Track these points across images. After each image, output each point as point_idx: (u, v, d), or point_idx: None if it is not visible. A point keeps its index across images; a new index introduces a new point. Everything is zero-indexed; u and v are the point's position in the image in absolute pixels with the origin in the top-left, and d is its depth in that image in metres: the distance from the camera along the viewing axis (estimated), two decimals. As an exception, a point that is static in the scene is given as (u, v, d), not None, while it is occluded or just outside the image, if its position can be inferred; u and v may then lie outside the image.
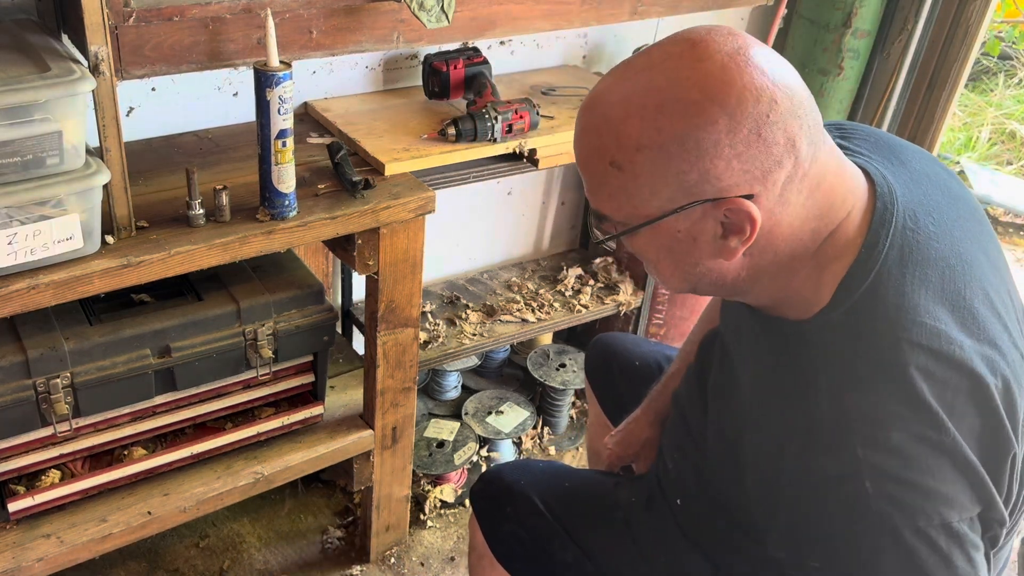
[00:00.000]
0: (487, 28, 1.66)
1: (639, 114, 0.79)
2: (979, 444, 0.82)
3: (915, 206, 0.88)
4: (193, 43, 1.36)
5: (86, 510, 1.42)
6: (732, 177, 0.79)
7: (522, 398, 2.22)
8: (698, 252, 0.85)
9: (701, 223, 0.82)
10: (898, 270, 0.83)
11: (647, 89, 0.79)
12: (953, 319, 0.83)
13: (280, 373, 1.54)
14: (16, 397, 1.27)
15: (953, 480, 0.80)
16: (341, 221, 1.38)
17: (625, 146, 0.80)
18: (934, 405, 0.80)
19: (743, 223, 0.81)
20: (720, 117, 0.77)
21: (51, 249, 1.15)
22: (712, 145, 0.77)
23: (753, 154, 0.78)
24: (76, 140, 1.12)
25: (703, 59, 0.78)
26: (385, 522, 1.84)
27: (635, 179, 0.81)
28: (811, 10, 2.31)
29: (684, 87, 0.77)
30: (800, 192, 0.82)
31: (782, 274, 0.86)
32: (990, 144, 4.16)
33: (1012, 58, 4.60)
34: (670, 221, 0.83)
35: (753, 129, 0.77)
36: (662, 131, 0.78)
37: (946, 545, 0.80)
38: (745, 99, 0.77)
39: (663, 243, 0.86)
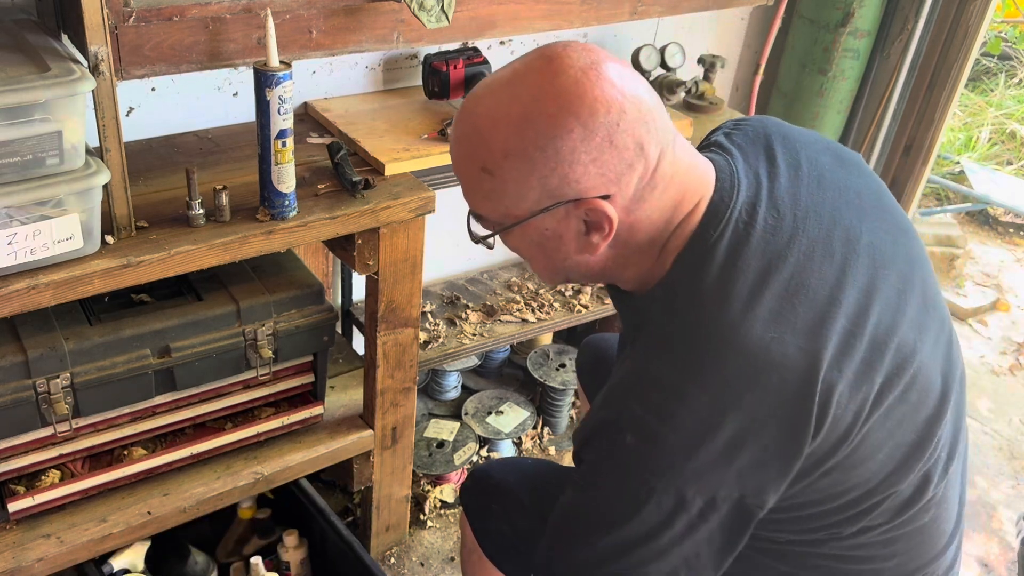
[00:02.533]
0: (487, 28, 1.66)
1: (505, 124, 0.87)
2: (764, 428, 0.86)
3: (757, 200, 0.94)
4: (193, 43, 1.36)
5: (86, 510, 1.42)
6: (589, 180, 0.87)
7: (522, 398, 2.22)
8: (565, 248, 0.94)
9: (565, 222, 0.91)
10: (722, 259, 0.90)
11: (511, 101, 0.87)
12: (770, 309, 0.87)
13: (280, 373, 1.54)
14: (16, 397, 1.27)
15: (706, 459, 0.86)
16: (341, 221, 1.38)
17: (494, 153, 0.88)
18: (718, 387, 0.86)
19: (601, 221, 0.89)
20: (575, 127, 0.85)
21: (51, 249, 1.15)
22: (569, 152, 0.85)
23: (606, 159, 0.86)
24: (76, 140, 1.12)
25: (559, 74, 0.86)
26: (385, 522, 1.84)
27: (504, 183, 0.90)
28: (811, 10, 2.31)
29: (543, 100, 0.85)
30: (653, 189, 0.90)
31: (639, 262, 0.95)
32: (990, 144, 4.16)
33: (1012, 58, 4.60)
34: (537, 221, 0.91)
35: (605, 137, 0.85)
36: (525, 139, 0.86)
37: (671, 508, 0.88)
38: (597, 110, 0.85)
39: (534, 240, 0.94)
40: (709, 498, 0.87)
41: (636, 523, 0.89)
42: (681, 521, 0.88)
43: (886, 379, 0.91)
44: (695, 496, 0.87)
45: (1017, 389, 2.81)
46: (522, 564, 1.25)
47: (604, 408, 0.92)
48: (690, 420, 0.86)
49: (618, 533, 0.90)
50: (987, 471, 2.44)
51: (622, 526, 0.90)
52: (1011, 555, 2.14)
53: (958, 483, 1.09)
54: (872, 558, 1.02)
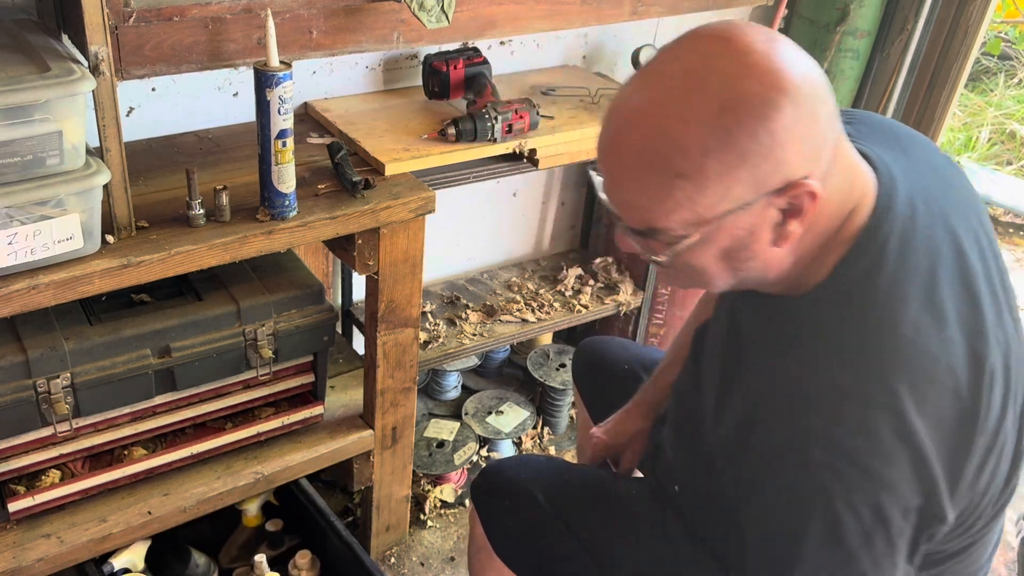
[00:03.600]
0: (487, 28, 1.66)
1: (698, 119, 0.78)
2: (942, 434, 0.83)
3: (913, 194, 0.89)
4: (193, 43, 1.36)
5: (86, 510, 1.42)
6: (797, 160, 0.79)
7: (522, 398, 2.22)
8: (756, 245, 0.85)
9: (763, 214, 0.82)
10: (894, 258, 0.85)
11: (697, 92, 0.78)
12: (940, 309, 0.85)
13: (280, 373, 1.54)
14: (16, 397, 1.27)
15: (900, 468, 0.82)
16: (341, 221, 1.38)
17: (690, 154, 0.78)
18: (903, 393, 0.81)
19: (803, 203, 0.81)
20: (786, 104, 0.77)
21: (51, 249, 1.15)
22: (783, 131, 0.77)
23: (811, 134, 0.79)
24: (76, 140, 1.12)
25: (747, 52, 0.78)
26: (385, 522, 1.84)
27: (704, 186, 0.80)
28: (811, 10, 2.31)
29: (741, 81, 0.77)
30: (835, 171, 0.83)
31: (811, 257, 0.87)
32: (990, 144, 4.16)
33: (1012, 58, 4.60)
34: (732, 218, 0.82)
35: (810, 110, 0.78)
36: (730, 129, 0.77)
37: (871, 524, 0.83)
38: (799, 82, 0.78)
39: (720, 244, 0.85)
40: (903, 509, 0.83)
41: (836, 543, 0.84)
42: (881, 538, 0.84)
43: (1018, 386, 0.91)
44: (891, 508, 0.83)
45: (1017, 389, 2.80)
46: (533, 560, 1.25)
47: (776, 426, 0.87)
48: (884, 429, 0.81)
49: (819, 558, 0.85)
50: (987, 471, 2.44)
51: (823, 550, 0.85)
52: (1011, 555, 2.14)
53: None
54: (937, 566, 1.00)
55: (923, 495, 0.84)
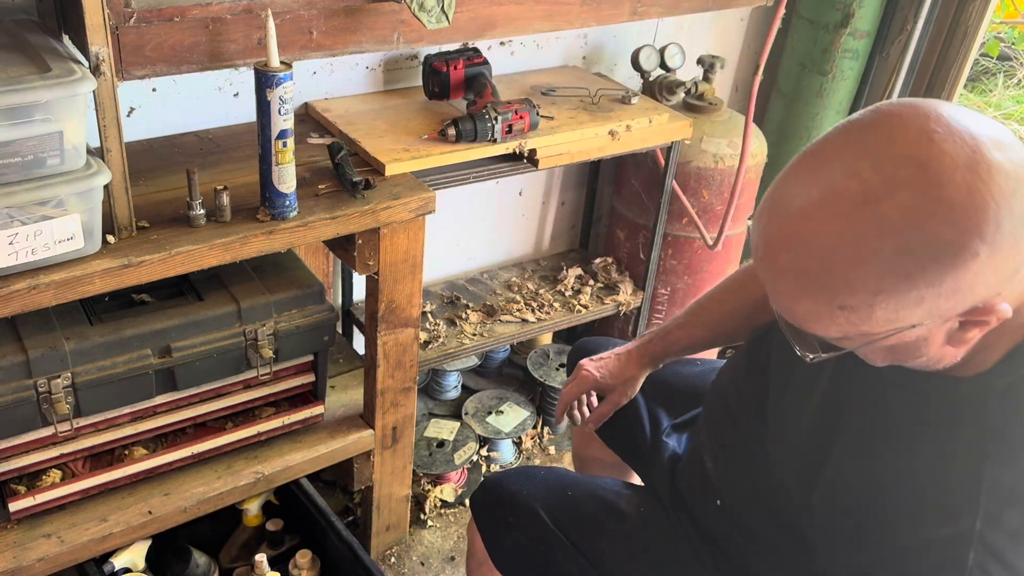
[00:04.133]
0: (487, 29, 1.66)
1: (874, 259, 0.70)
2: None
3: None
4: (194, 43, 1.36)
5: (87, 510, 1.42)
6: (987, 291, 0.72)
7: (522, 398, 2.22)
8: (928, 347, 0.78)
9: (939, 329, 0.75)
10: None
11: (880, 232, 0.69)
12: None
13: (280, 373, 1.54)
14: (17, 397, 1.27)
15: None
16: (341, 221, 1.38)
17: (859, 293, 0.72)
18: None
19: (989, 320, 0.74)
20: (980, 249, 0.68)
21: (52, 249, 1.15)
22: (972, 277, 0.69)
23: (1007, 265, 0.71)
24: (77, 140, 1.12)
25: (943, 185, 0.67)
26: (385, 522, 1.85)
27: (870, 317, 0.73)
28: (811, 11, 2.31)
29: (931, 226, 0.68)
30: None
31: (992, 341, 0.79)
32: (989, 144, 4.16)
33: (1011, 59, 4.61)
34: (901, 335, 0.75)
35: (1012, 242, 0.69)
36: (910, 276, 0.70)
37: None
38: (1001, 218, 0.67)
39: (889, 346, 0.78)
40: None
41: None
42: None
43: None
44: None
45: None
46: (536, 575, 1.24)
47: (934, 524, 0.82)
48: None
49: None
50: (986, 471, 2.44)
51: None
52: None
53: None
54: None
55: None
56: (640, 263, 2.18)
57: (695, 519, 1.20)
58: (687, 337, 1.31)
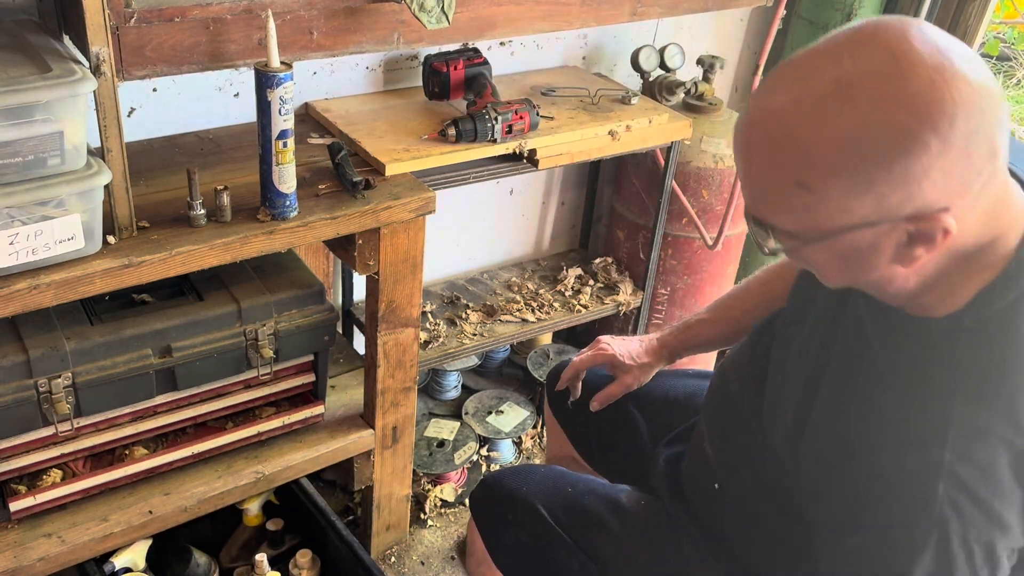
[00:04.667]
0: (487, 29, 1.66)
1: (836, 136, 0.74)
2: None
3: None
4: (194, 44, 1.36)
5: (87, 509, 1.43)
6: (934, 194, 0.74)
7: (522, 398, 2.23)
8: (877, 260, 0.81)
9: (888, 236, 0.78)
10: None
11: (841, 108, 0.73)
12: None
13: (281, 373, 1.54)
14: (17, 397, 1.27)
15: (1015, 510, 0.81)
16: (342, 221, 1.38)
17: (817, 167, 0.75)
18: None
19: (935, 235, 0.76)
20: (932, 141, 0.71)
21: (52, 249, 1.15)
22: (922, 169, 0.72)
23: (959, 170, 0.73)
24: (77, 140, 1.12)
25: (908, 76, 0.71)
26: (385, 521, 1.85)
27: (824, 200, 0.77)
28: (810, 11, 2.31)
29: (890, 109, 0.72)
30: (985, 199, 0.78)
31: (943, 277, 0.82)
32: (989, 144, 4.16)
33: (1011, 59, 4.61)
34: (854, 235, 0.78)
35: (963, 147, 0.72)
36: (867, 158, 0.73)
37: (981, 564, 0.82)
38: (957, 117, 0.71)
39: (840, 253, 0.81)
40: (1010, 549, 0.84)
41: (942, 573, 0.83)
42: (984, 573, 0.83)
43: None
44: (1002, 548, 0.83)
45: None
46: (537, 573, 1.23)
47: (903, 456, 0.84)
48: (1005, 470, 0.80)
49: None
50: (986, 471, 2.44)
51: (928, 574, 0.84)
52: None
53: None
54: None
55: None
56: (640, 263, 2.18)
57: (694, 512, 1.20)
58: (707, 332, 1.32)
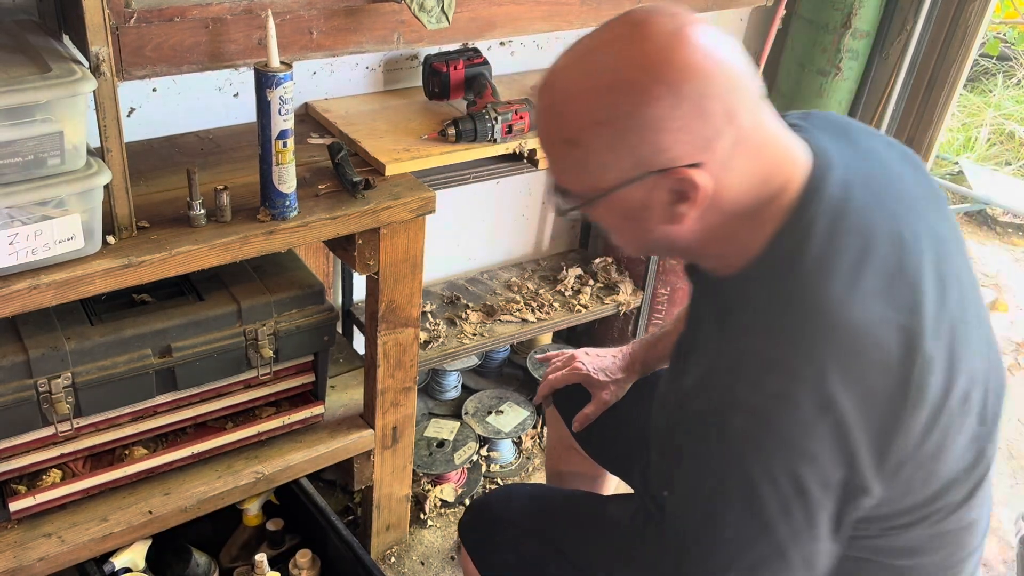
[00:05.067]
0: (487, 29, 1.66)
1: (590, 93, 0.85)
2: (869, 407, 0.84)
3: (850, 179, 0.92)
4: (194, 44, 1.36)
5: (87, 510, 1.43)
6: (679, 148, 0.84)
7: (522, 398, 2.23)
8: (651, 219, 0.91)
9: (653, 192, 0.88)
10: (822, 236, 0.88)
11: (596, 70, 0.86)
12: (869, 287, 0.86)
13: (281, 373, 1.54)
14: (17, 397, 1.27)
15: (821, 440, 0.83)
16: (341, 221, 1.38)
17: (579, 123, 0.87)
18: (827, 365, 0.83)
19: (689, 191, 0.86)
20: (664, 94, 0.82)
21: (52, 249, 1.15)
22: (658, 120, 0.83)
23: (695, 126, 0.84)
24: (77, 140, 1.12)
25: (645, 39, 0.84)
26: (385, 521, 1.85)
27: (590, 154, 0.88)
28: (810, 11, 2.31)
29: (629, 67, 0.84)
30: (743, 158, 0.87)
31: (727, 235, 0.92)
32: (989, 144, 4.17)
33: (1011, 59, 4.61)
34: (625, 192, 0.88)
35: (694, 103, 0.83)
36: (612, 108, 0.84)
37: (789, 495, 0.84)
38: (685, 76, 0.82)
39: (619, 212, 0.92)
40: (823, 481, 0.85)
41: (753, 513, 0.86)
42: (799, 509, 0.85)
43: (964, 369, 0.91)
44: (810, 479, 0.84)
45: (1016, 389, 2.81)
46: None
47: (703, 395, 0.89)
48: (805, 399, 0.83)
49: (736, 527, 0.87)
50: (986, 471, 2.45)
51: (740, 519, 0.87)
52: (1010, 554, 2.14)
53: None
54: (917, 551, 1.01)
55: (845, 467, 0.85)
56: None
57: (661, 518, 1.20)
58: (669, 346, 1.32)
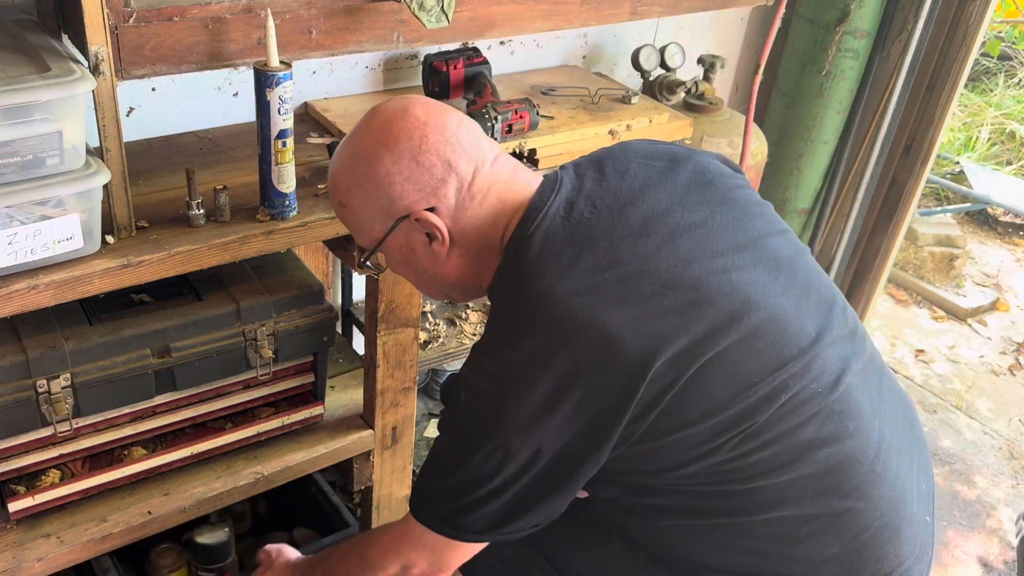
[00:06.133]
0: (487, 28, 1.66)
1: (343, 165, 1.09)
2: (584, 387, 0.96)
3: (575, 199, 1.06)
4: (193, 43, 1.36)
5: (86, 510, 1.42)
6: (409, 196, 1.05)
7: (522, 398, 2.22)
8: (422, 261, 1.10)
9: (410, 237, 1.08)
10: (540, 244, 1.02)
11: (347, 146, 1.09)
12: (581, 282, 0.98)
13: (280, 373, 1.54)
14: (16, 397, 1.27)
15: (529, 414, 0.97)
16: (341, 221, 1.38)
17: (341, 189, 1.09)
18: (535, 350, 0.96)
19: (433, 231, 1.06)
20: (384, 154, 1.04)
21: (51, 249, 1.15)
22: (386, 175, 1.04)
23: (418, 176, 1.04)
24: (76, 140, 1.12)
25: (373, 117, 1.08)
26: (385, 521, 1.84)
27: (355, 213, 1.09)
28: (811, 10, 2.31)
29: (363, 140, 1.07)
30: (473, 199, 1.06)
31: (481, 268, 1.10)
32: (990, 144, 4.17)
33: (1012, 58, 4.61)
34: (391, 239, 1.08)
35: (411, 158, 1.03)
36: (356, 172, 1.07)
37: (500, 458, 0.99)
38: (399, 138, 1.04)
39: (398, 259, 1.12)
40: (534, 449, 0.98)
41: (470, 469, 1.01)
42: (509, 469, 0.99)
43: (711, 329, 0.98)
44: (521, 447, 0.98)
45: (1017, 389, 2.81)
46: None
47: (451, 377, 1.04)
48: (509, 378, 0.98)
49: (458, 476, 1.03)
50: (987, 471, 2.45)
51: (460, 471, 1.02)
52: (1010, 554, 2.14)
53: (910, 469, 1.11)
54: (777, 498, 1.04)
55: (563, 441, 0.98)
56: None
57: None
58: None
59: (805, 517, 1.04)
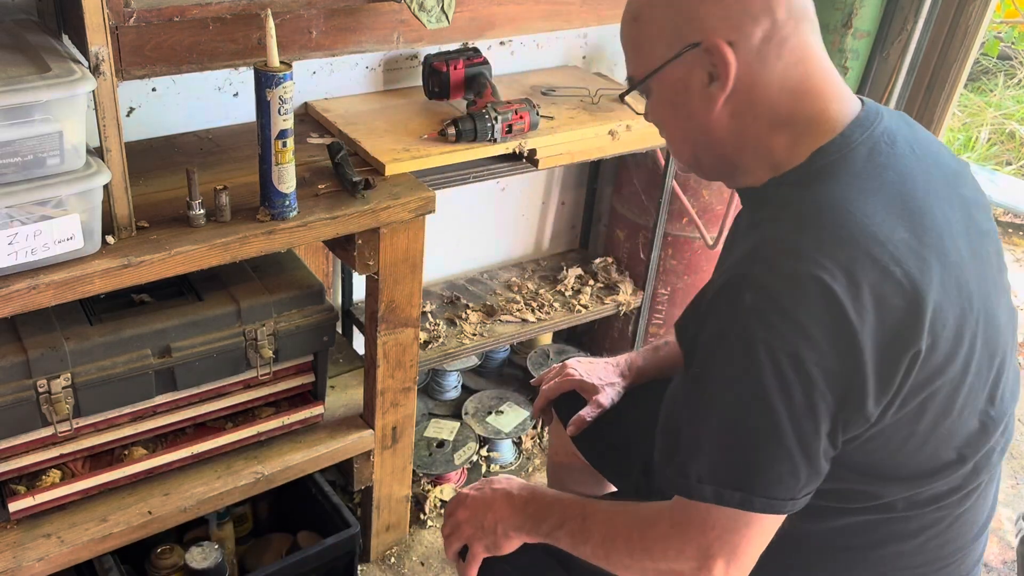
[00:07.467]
0: (487, 28, 1.66)
1: None
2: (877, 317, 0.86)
3: (898, 134, 0.96)
4: (193, 43, 1.36)
5: (86, 510, 1.42)
6: (712, 20, 0.92)
7: (522, 398, 2.22)
8: (691, 104, 0.97)
9: (692, 72, 0.95)
10: (866, 164, 0.93)
11: None
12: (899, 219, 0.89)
13: (280, 373, 1.54)
14: (17, 397, 1.27)
15: (823, 326, 0.85)
16: (341, 221, 1.38)
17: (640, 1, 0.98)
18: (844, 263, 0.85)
19: (720, 67, 0.92)
20: None
21: (51, 249, 1.15)
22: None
23: (730, 2, 0.91)
24: (76, 140, 1.12)
25: None
26: (385, 522, 1.85)
27: (645, 28, 0.97)
28: (811, 10, 2.31)
29: None
30: (779, 57, 0.92)
31: (761, 144, 0.97)
32: (989, 144, 4.16)
33: (1011, 58, 4.61)
34: (668, 71, 0.96)
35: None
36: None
37: (790, 375, 0.86)
38: None
39: (667, 96, 0.99)
40: (824, 368, 0.86)
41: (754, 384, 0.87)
42: (798, 391, 0.86)
43: (972, 334, 0.92)
44: (810, 362, 0.85)
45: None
46: None
47: (723, 279, 0.92)
48: (813, 286, 0.85)
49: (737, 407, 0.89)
50: (986, 471, 2.44)
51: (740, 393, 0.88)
52: (1010, 554, 2.14)
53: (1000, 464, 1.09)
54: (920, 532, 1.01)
55: (847, 360, 0.86)
56: (640, 263, 2.18)
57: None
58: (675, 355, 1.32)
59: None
